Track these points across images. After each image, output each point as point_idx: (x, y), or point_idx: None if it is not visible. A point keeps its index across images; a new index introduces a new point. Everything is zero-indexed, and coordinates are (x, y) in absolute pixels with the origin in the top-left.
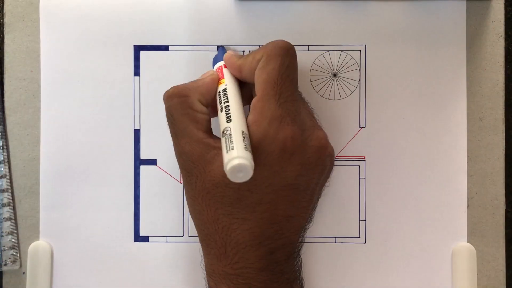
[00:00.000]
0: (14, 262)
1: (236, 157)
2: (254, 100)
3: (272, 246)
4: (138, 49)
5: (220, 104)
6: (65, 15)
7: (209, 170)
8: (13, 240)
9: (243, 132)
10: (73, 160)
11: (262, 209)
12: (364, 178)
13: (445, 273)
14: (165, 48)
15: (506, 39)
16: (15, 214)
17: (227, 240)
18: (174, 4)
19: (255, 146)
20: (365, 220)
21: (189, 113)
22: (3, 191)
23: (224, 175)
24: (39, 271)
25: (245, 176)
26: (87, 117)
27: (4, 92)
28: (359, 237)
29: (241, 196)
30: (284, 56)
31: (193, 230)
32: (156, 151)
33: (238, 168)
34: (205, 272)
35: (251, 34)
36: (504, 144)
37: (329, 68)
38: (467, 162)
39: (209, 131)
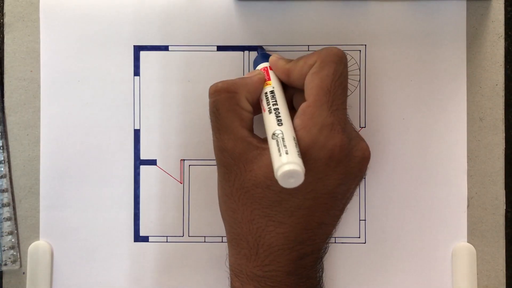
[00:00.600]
0: (14, 262)
1: (289, 163)
2: (304, 105)
3: (303, 252)
4: (138, 49)
5: (268, 106)
6: (65, 15)
7: (250, 169)
8: (13, 240)
9: (294, 138)
10: (73, 160)
11: (300, 214)
12: (364, 178)
13: (445, 273)
14: (165, 48)
15: (506, 39)
16: (15, 214)
17: (260, 242)
18: (174, 4)
19: (302, 151)
20: (365, 220)
21: (236, 109)
22: (3, 191)
23: (266, 176)
24: (39, 271)
25: (295, 182)
26: (87, 117)
27: (4, 92)
28: (359, 237)
29: (281, 199)
30: (338, 63)
31: (193, 230)
32: (156, 151)
33: (290, 174)
34: (229, 271)
35: (251, 34)
36: (504, 144)
37: None
38: (467, 162)
39: (251, 129)
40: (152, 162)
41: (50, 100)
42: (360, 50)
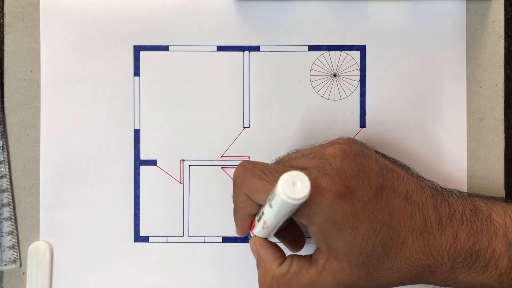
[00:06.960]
0: (14, 262)
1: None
2: None
3: None
4: (138, 49)
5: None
6: (65, 15)
7: None
8: (13, 240)
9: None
10: (73, 160)
11: None
12: None
13: None
14: (165, 48)
15: (506, 39)
16: (15, 214)
17: None
18: (174, 4)
19: None
20: None
21: None
22: (3, 191)
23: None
24: (39, 271)
25: (304, 187)
26: (87, 117)
27: (4, 92)
28: None
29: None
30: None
31: (193, 230)
32: (156, 151)
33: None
34: None
35: (251, 34)
36: (504, 144)
37: (329, 68)
38: (467, 162)
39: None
40: (152, 162)
41: (50, 100)
42: (360, 50)
